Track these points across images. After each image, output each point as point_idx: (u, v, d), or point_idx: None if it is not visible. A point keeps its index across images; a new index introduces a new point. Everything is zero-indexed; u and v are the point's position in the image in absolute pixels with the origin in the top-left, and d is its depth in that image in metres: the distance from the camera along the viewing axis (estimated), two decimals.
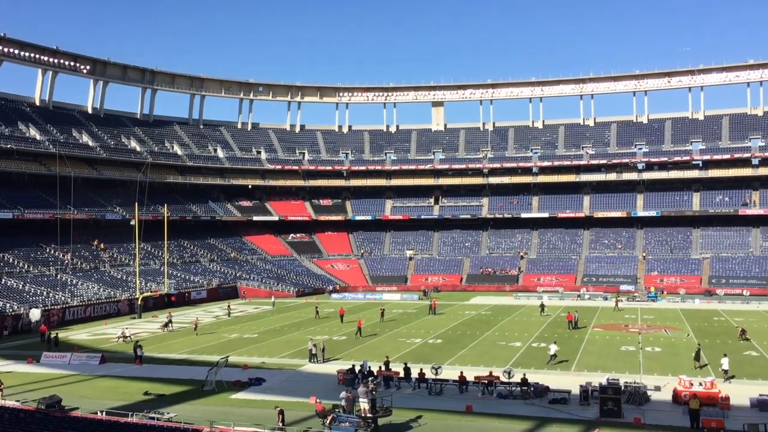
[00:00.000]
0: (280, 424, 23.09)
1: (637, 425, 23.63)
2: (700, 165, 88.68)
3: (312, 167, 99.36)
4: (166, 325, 49.44)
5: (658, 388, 28.34)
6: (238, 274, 79.13)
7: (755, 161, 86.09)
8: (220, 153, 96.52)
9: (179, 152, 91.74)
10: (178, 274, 73.15)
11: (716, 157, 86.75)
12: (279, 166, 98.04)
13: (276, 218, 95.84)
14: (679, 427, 23.73)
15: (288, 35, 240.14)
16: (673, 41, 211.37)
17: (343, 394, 25.30)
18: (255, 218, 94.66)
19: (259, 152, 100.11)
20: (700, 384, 26.55)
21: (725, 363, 31.28)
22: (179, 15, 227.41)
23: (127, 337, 44.46)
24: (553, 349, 35.59)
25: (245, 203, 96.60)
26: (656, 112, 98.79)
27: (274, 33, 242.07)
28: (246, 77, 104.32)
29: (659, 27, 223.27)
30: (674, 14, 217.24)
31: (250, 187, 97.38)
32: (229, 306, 60.96)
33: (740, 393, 26.97)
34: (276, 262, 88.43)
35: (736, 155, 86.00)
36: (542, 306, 57.60)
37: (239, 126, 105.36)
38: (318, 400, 25.37)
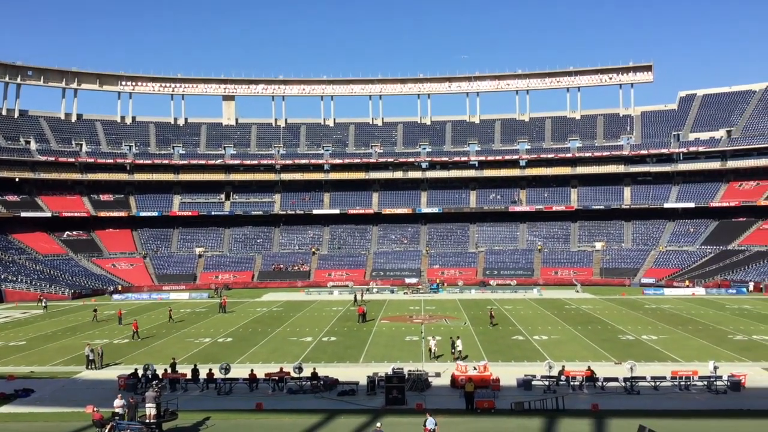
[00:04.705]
0: None
1: (419, 410, 24.91)
2: (476, 165, 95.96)
3: (91, 160, 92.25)
4: None
5: (438, 375, 30.12)
6: (2, 276, 71.31)
7: (522, 163, 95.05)
8: None
9: None
10: None
11: (490, 158, 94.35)
12: (52, 158, 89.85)
13: (49, 214, 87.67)
14: (456, 409, 25.42)
15: (67, 17, 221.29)
16: (454, 48, 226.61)
17: (116, 401, 23.85)
18: (23, 214, 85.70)
19: (28, 142, 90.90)
20: (475, 368, 28.68)
21: (459, 344, 34.85)
22: None
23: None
24: (433, 343, 35.35)
25: (12, 198, 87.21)
26: (439, 114, 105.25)
27: (51, 14, 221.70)
28: (12, 59, 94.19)
29: (444, 34, 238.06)
30: (453, 22, 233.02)
31: (17, 180, 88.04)
32: None
33: (509, 374, 29.55)
34: (48, 262, 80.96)
35: (507, 157, 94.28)
36: (355, 297, 60.38)
37: (4, 113, 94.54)
38: (96, 409, 23.67)
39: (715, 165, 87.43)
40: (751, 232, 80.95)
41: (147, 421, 22.71)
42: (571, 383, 28.14)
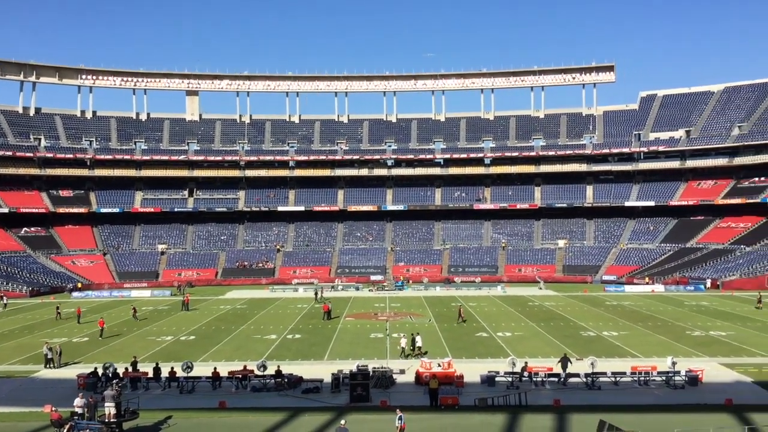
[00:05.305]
0: None
1: (384, 407, 24.95)
2: (442, 163, 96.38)
3: (50, 155, 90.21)
4: None
5: (402, 371, 30.21)
6: None
7: (487, 161, 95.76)
8: None
9: None
10: None
11: (455, 156, 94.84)
12: (9, 153, 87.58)
13: (5, 210, 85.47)
14: (420, 406, 25.49)
15: (25, 9, 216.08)
16: (419, 46, 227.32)
17: (77, 401, 23.41)
18: None
19: None
20: (439, 365, 28.81)
21: (419, 341, 35.20)
22: None
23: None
24: (404, 341, 35.61)
25: None
26: (404, 112, 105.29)
27: (7, 4, 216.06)
28: None
29: (410, 32, 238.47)
30: (419, 20, 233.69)
31: None
32: None
33: (473, 371, 29.77)
34: (5, 258, 78.93)
35: (472, 155, 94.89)
36: (316, 294, 62.02)
37: None
38: (54, 409, 23.18)
39: (674, 164, 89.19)
40: (708, 231, 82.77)
41: (107, 420, 22.33)
42: (534, 379, 28.46)
